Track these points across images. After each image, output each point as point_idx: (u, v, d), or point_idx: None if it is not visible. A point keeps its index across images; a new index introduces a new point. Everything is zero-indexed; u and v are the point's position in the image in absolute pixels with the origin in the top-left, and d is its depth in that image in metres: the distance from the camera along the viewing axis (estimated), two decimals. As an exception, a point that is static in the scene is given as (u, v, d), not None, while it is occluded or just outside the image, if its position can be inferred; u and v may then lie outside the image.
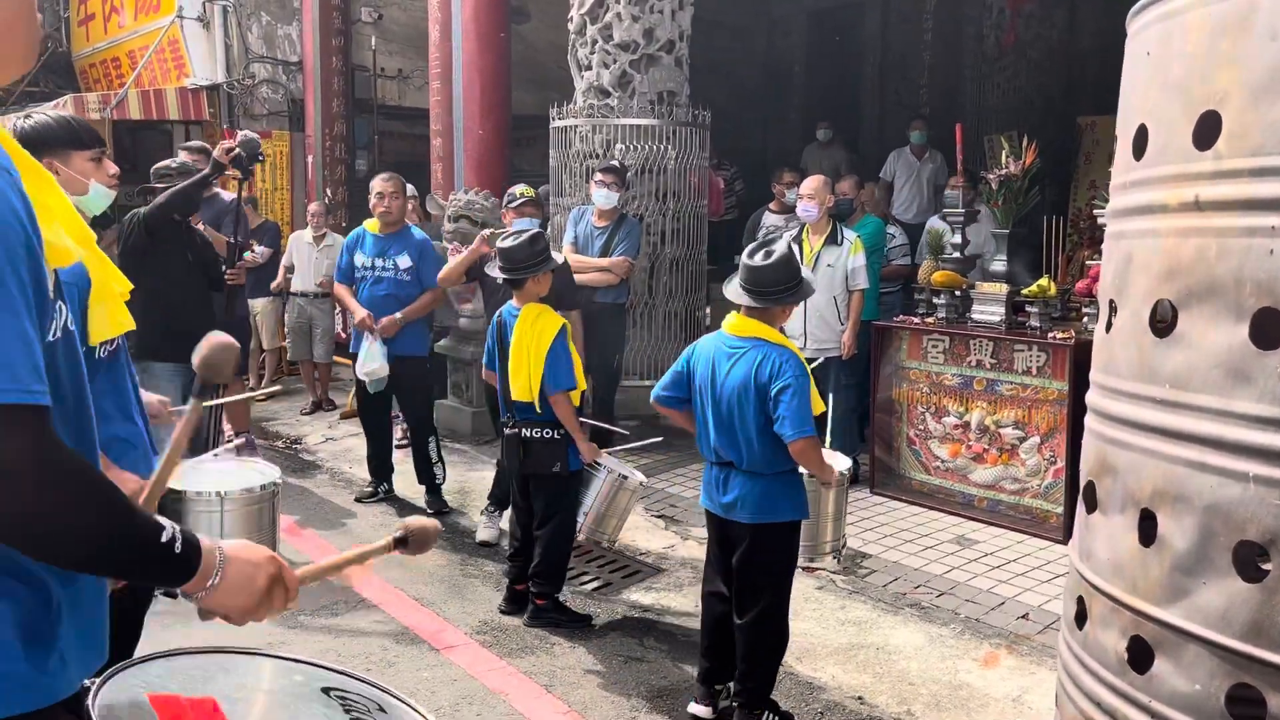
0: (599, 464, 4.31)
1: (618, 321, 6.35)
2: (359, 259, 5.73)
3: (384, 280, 5.66)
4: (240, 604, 1.40)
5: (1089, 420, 1.97)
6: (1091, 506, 1.88)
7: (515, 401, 4.23)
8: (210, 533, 3.02)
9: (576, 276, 5.88)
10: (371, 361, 5.51)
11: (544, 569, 4.25)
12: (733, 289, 3.42)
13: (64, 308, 1.34)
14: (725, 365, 3.37)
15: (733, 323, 3.43)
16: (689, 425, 3.63)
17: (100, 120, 9.73)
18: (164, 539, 1.28)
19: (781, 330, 3.45)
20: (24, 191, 1.23)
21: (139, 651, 1.82)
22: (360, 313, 5.60)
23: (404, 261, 5.66)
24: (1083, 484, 1.94)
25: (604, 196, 6.11)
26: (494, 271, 4.51)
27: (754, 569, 3.41)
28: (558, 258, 4.45)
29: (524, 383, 4.17)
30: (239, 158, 5.05)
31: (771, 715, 3.42)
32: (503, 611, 4.39)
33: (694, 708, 3.53)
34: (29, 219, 1.22)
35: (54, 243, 1.29)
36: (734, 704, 3.45)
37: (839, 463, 3.98)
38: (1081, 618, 1.88)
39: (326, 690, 1.70)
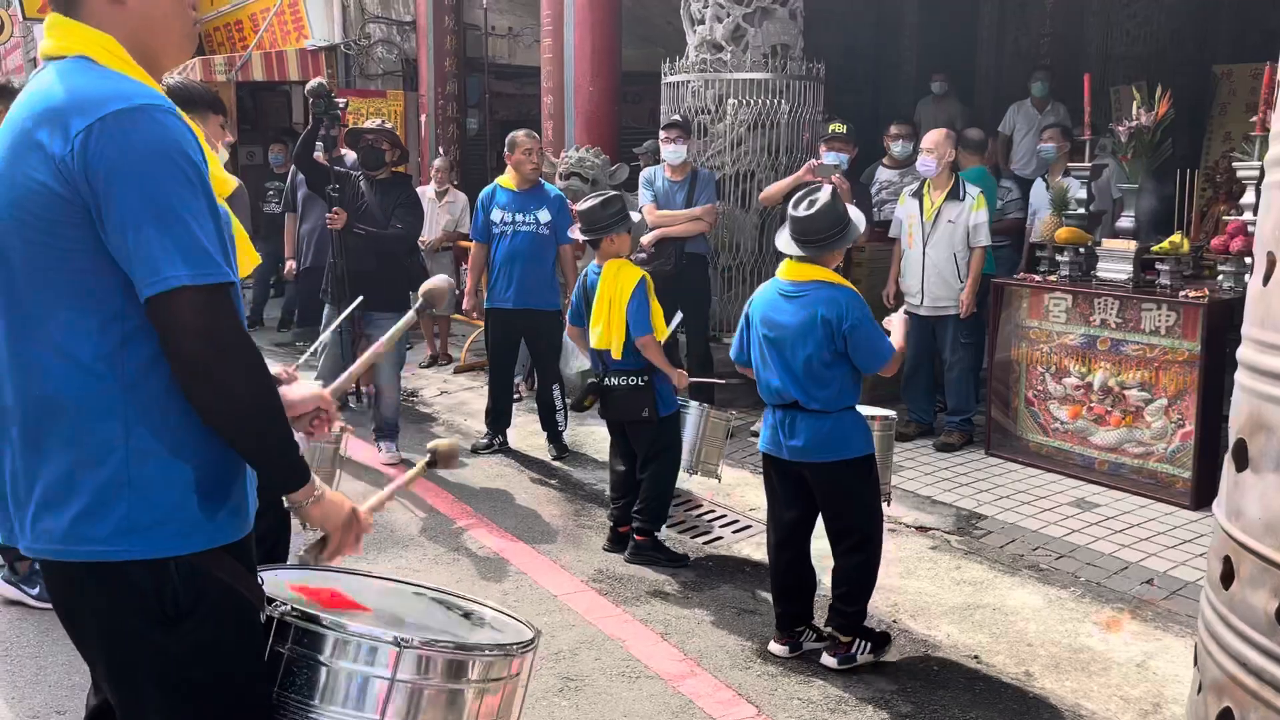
0: (688, 401, 4.61)
1: (704, 273, 6.45)
2: (495, 215, 5.89)
3: (522, 234, 5.83)
4: (334, 521, 1.75)
5: (1240, 376, 1.90)
6: (1242, 465, 1.83)
7: (598, 351, 4.47)
8: None
9: (666, 230, 6.15)
10: (577, 358, 5.82)
11: (645, 507, 4.46)
12: (783, 240, 3.58)
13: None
14: (786, 308, 3.51)
15: (787, 268, 3.57)
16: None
17: (226, 82, 10.08)
18: (295, 441, 1.63)
19: (838, 270, 3.59)
20: (193, 130, 1.59)
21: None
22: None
23: (544, 216, 5.84)
24: (1232, 441, 1.88)
25: (673, 152, 6.18)
26: (575, 234, 4.74)
27: (840, 506, 3.57)
28: (634, 217, 4.66)
29: (603, 331, 4.42)
30: (317, 107, 5.39)
31: (863, 642, 3.53)
32: (606, 549, 4.60)
33: (774, 646, 3.67)
34: (202, 153, 1.57)
35: (215, 174, 1.64)
36: (828, 629, 3.60)
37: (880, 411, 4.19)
38: (1228, 577, 1.84)
39: (419, 594, 2.05)
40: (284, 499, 1.73)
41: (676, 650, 3.69)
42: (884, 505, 4.24)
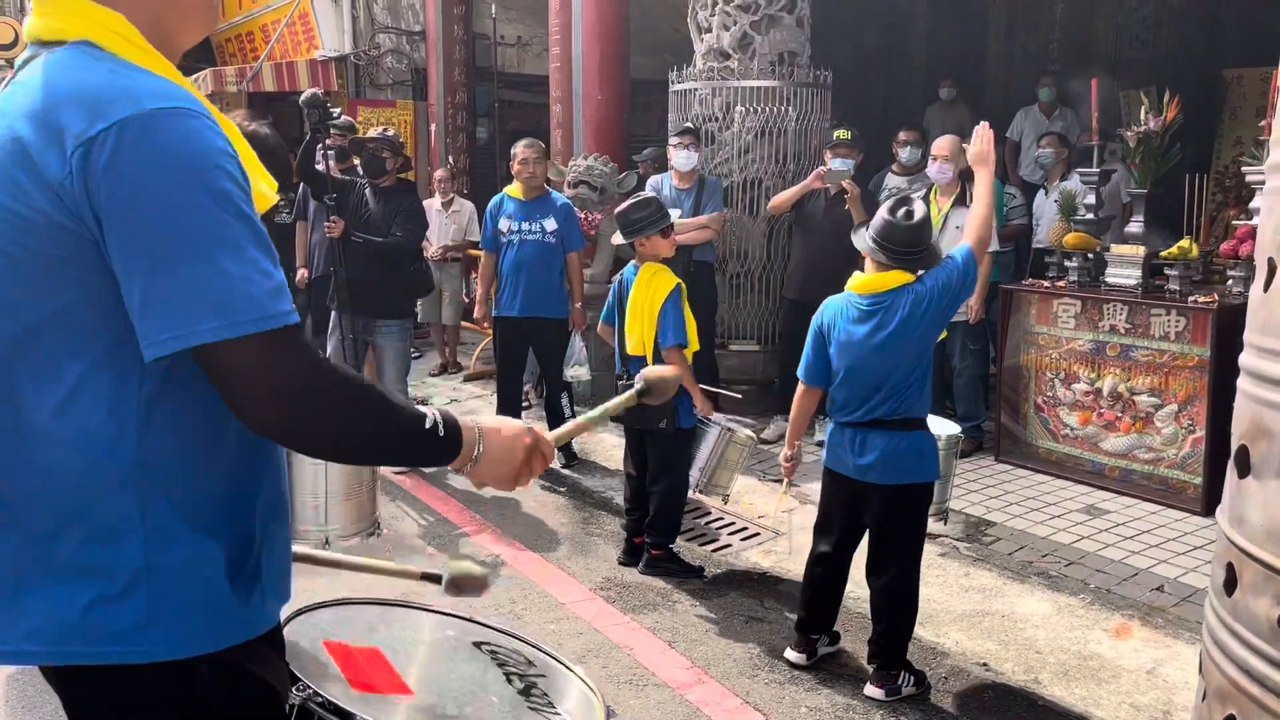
0: (709, 420, 4.47)
1: (711, 281, 6.45)
2: (503, 224, 5.92)
3: (529, 243, 5.84)
4: (503, 474, 1.46)
5: (1243, 383, 1.90)
6: (1244, 471, 1.82)
7: (630, 356, 4.42)
8: (315, 474, 3.27)
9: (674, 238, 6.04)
10: (579, 366, 5.76)
11: (659, 521, 4.43)
12: (862, 240, 3.39)
13: None
14: (871, 320, 3.33)
15: (863, 281, 3.39)
16: (798, 423, 3.64)
17: (237, 93, 10.14)
18: (426, 425, 1.35)
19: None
20: (226, 133, 1.28)
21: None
22: (584, 323, 5.87)
23: (549, 224, 5.84)
24: (1234, 448, 1.88)
25: (684, 158, 6.17)
26: (617, 238, 4.69)
27: (893, 531, 3.44)
28: (674, 214, 4.55)
29: (638, 337, 4.36)
30: (312, 117, 5.40)
31: (908, 675, 3.44)
32: (621, 563, 4.57)
33: (790, 653, 3.63)
34: (239, 163, 1.28)
35: (257, 190, 1.33)
36: (873, 664, 3.48)
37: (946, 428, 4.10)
38: (1231, 584, 1.83)
39: (478, 644, 1.84)
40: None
41: (684, 658, 3.69)
42: (941, 524, 4.16)
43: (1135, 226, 5.32)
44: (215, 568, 1.31)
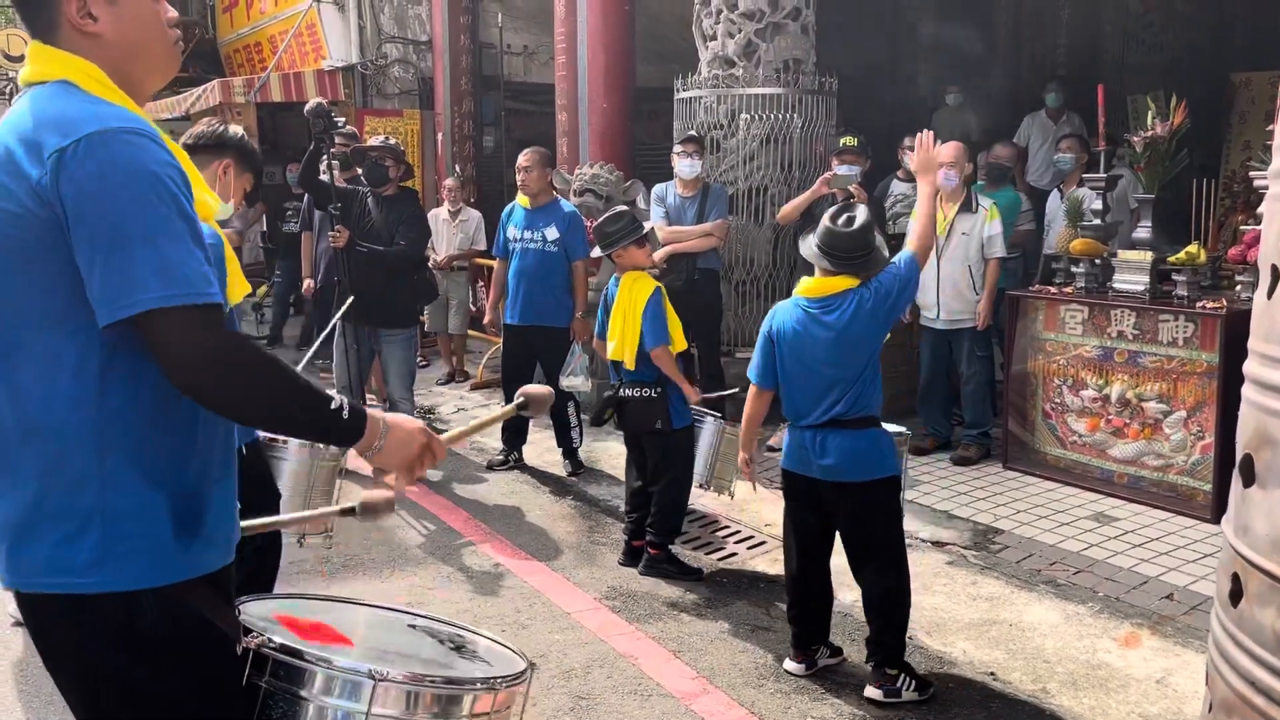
0: (705, 415, 4.61)
1: (716, 288, 6.44)
2: (511, 232, 5.95)
3: (530, 251, 5.85)
4: (400, 462, 1.70)
5: (1247, 390, 1.88)
6: (1249, 480, 1.80)
7: (615, 362, 4.53)
8: (278, 473, 3.38)
9: (678, 246, 6.09)
10: (575, 376, 5.74)
11: (658, 521, 4.47)
12: (808, 248, 3.53)
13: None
14: (820, 324, 3.45)
15: (810, 286, 3.52)
16: (750, 430, 3.75)
17: (245, 104, 10.18)
18: (332, 406, 1.58)
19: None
20: (173, 153, 1.57)
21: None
22: (585, 333, 5.85)
23: (551, 233, 5.85)
24: (1239, 457, 1.86)
25: (688, 167, 6.16)
26: (596, 251, 4.83)
27: (870, 527, 3.50)
28: (646, 227, 4.67)
29: (619, 342, 4.45)
30: (316, 126, 5.42)
31: (908, 678, 3.43)
32: (621, 564, 4.61)
33: (790, 664, 3.63)
34: (183, 175, 1.55)
35: (199, 199, 1.62)
36: (870, 663, 3.50)
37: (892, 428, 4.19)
38: (1236, 595, 1.81)
39: (413, 626, 2.00)
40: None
41: (689, 668, 3.67)
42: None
43: (1143, 232, 5.30)
44: (161, 513, 1.55)
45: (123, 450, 1.53)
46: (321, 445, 3.48)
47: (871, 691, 3.43)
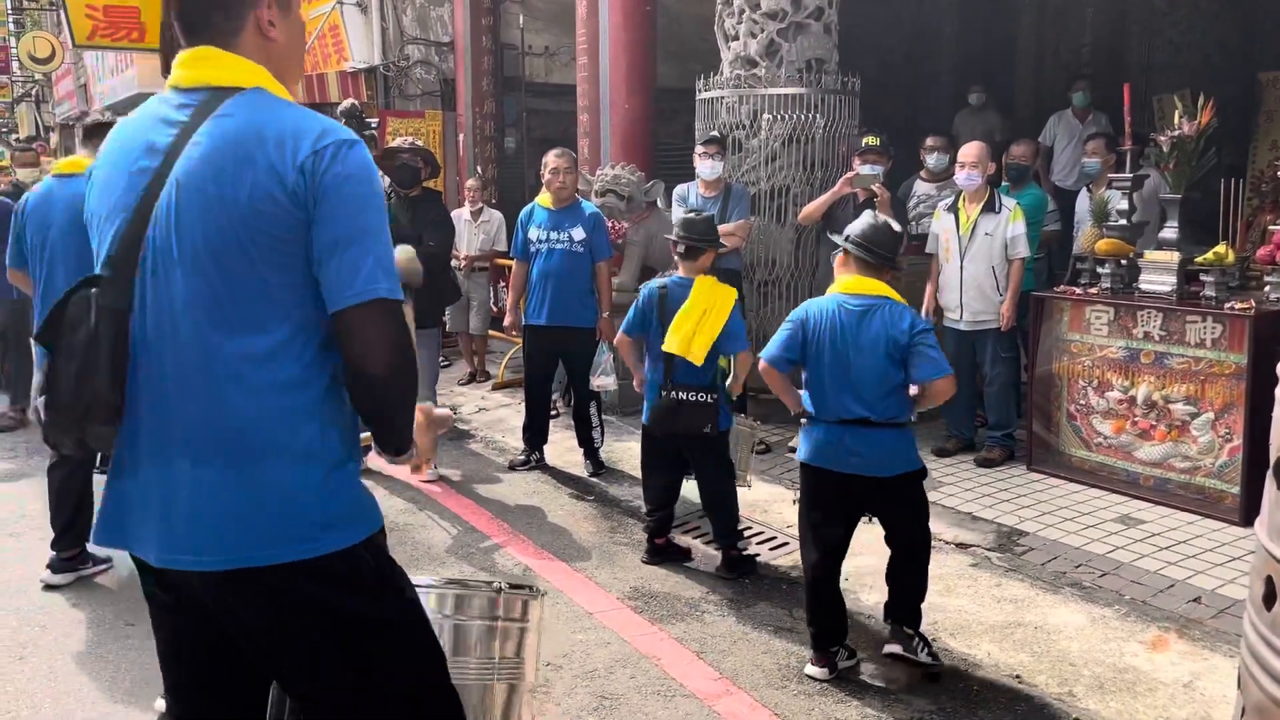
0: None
1: (738, 289, 6.39)
2: (532, 233, 5.94)
3: (556, 252, 5.85)
4: (426, 447, 2.01)
5: (1281, 392, 1.86)
6: (1283, 482, 1.78)
7: (665, 361, 4.45)
8: None
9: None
10: (605, 375, 5.77)
11: (725, 523, 4.58)
12: (849, 242, 3.65)
13: None
14: (856, 322, 3.55)
15: (850, 282, 3.62)
16: (787, 392, 3.79)
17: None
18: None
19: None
20: None
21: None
22: (611, 333, 5.86)
23: (578, 234, 5.84)
24: (1274, 459, 1.83)
25: (709, 168, 6.17)
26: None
27: (911, 516, 3.64)
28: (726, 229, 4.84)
29: (686, 339, 4.39)
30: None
31: (923, 644, 3.61)
32: (644, 562, 4.65)
33: (812, 669, 3.63)
34: None
35: None
36: (887, 621, 3.71)
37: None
38: (1270, 598, 1.79)
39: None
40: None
41: (712, 669, 3.67)
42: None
43: (1169, 232, 5.25)
44: (355, 476, 1.77)
45: (334, 425, 1.73)
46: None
47: (891, 648, 3.65)
